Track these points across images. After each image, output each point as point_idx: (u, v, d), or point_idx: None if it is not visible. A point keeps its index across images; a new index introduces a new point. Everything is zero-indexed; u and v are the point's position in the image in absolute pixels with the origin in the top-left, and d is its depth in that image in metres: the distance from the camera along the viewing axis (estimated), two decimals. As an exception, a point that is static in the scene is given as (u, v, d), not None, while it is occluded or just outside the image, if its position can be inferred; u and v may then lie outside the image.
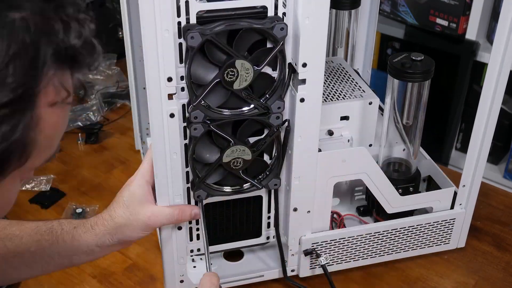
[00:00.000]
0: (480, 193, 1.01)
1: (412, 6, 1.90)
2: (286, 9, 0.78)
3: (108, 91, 1.50)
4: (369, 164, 0.95)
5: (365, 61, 1.22)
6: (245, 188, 0.89)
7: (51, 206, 1.17)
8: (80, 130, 1.38)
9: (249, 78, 0.78)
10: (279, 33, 0.76)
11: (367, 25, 1.18)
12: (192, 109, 0.79)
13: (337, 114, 1.00)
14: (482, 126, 0.93)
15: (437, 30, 1.86)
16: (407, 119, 1.00)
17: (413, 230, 1.01)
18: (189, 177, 0.87)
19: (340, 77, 1.07)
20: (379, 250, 1.02)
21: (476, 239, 1.10)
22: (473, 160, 0.97)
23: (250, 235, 0.97)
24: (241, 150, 0.84)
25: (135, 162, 1.29)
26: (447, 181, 1.03)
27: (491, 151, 0.98)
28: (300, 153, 0.87)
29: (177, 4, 0.74)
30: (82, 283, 1.01)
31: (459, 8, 1.79)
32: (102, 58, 0.65)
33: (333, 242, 0.98)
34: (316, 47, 0.79)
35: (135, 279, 1.02)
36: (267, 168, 0.88)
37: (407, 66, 0.93)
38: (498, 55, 0.87)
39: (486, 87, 0.90)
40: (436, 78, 0.98)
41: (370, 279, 1.03)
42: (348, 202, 1.11)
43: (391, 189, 0.98)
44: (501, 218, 1.16)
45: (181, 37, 0.76)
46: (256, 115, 0.82)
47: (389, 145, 1.03)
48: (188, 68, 0.76)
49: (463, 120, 1.99)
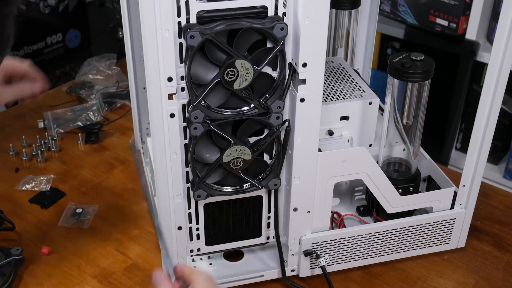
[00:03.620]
0: (480, 193, 1.01)
1: (412, 6, 1.90)
2: (286, 9, 0.78)
3: (108, 91, 1.50)
4: (369, 164, 0.95)
5: (365, 61, 1.22)
6: (245, 188, 0.89)
7: (51, 206, 1.17)
8: (80, 130, 1.38)
9: (249, 78, 0.78)
10: (279, 33, 0.76)
11: (367, 25, 1.18)
12: (192, 109, 0.79)
13: (337, 114, 1.00)
14: (482, 126, 0.93)
15: (437, 30, 1.86)
16: (407, 119, 1.00)
17: (413, 230, 1.01)
18: (189, 177, 0.87)
19: (340, 77, 1.07)
20: (379, 250, 1.02)
21: (476, 239, 1.10)
22: (473, 160, 0.97)
23: (250, 235, 0.97)
24: (241, 150, 0.84)
25: (135, 162, 1.30)
26: (447, 181, 1.03)
27: (491, 151, 0.99)
28: (300, 153, 0.87)
29: (177, 4, 0.74)
30: (82, 283, 1.01)
31: (459, 8, 1.79)
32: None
33: (333, 242, 0.98)
34: (316, 47, 0.79)
35: (135, 279, 1.02)
36: (267, 168, 0.88)
37: (407, 66, 0.93)
38: (498, 55, 0.87)
39: (486, 87, 0.90)
40: (436, 78, 0.99)
41: (370, 279, 1.03)
42: (348, 202, 1.11)
43: (391, 189, 0.98)
44: (501, 218, 1.16)
45: (181, 37, 0.76)
46: (256, 115, 0.82)
47: (389, 145, 1.03)
48: (188, 68, 0.77)
49: (463, 120, 1.99)
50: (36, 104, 1.51)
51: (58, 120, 1.40)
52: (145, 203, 1.17)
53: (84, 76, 1.59)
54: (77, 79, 1.59)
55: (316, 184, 0.92)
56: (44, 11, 2.52)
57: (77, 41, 2.69)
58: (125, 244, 1.09)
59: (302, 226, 0.95)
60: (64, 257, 1.06)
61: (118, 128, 1.41)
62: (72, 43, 2.67)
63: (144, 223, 1.13)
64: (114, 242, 1.09)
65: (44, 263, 1.04)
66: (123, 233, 1.11)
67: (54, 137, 1.36)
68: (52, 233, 1.11)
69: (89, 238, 1.10)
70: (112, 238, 1.10)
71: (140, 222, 1.13)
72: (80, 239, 1.10)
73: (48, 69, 2.61)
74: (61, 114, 1.43)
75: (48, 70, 2.62)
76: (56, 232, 1.11)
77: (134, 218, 1.14)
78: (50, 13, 2.54)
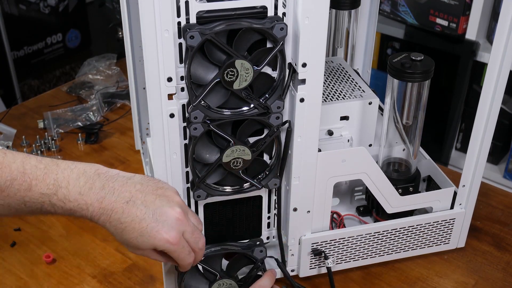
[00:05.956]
0: (480, 193, 1.01)
1: (412, 6, 1.90)
2: (286, 9, 0.78)
3: (108, 91, 1.51)
4: (369, 164, 0.95)
5: (365, 61, 1.22)
6: (245, 188, 0.89)
7: (51, 206, 1.17)
8: (80, 130, 1.38)
9: (249, 78, 0.78)
10: (279, 33, 0.77)
11: (367, 25, 1.18)
12: (192, 109, 0.79)
13: (337, 114, 1.00)
14: (482, 126, 0.93)
15: (437, 30, 1.86)
16: (407, 119, 1.00)
17: (413, 230, 1.01)
18: (189, 177, 0.87)
19: (340, 77, 1.08)
20: (379, 250, 1.02)
21: (476, 239, 1.10)
22: (473, 160, 0.97)
23: (250, 235, 0.97)
24: (241, 150, 0.84)
25: (135, 162, 1.30)
26: (447, 181, 1.03)
27: (491, 151, 0.99)
28: (300, 153, 0.87)
29: (177, 4, 0.74)
30: (82, 283, 1.01)
31: (459, 8, 1.79)
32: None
33: (333, 242, 0.98)
34: (316, 47, 0.79)
35: (135, 279, 1.02)
36: (267, 168, 0.88)
37: (407, 66, 0.93)
38: (498, 55, 0.87)
39: (486, 87, 0.90)
40: (436, 78, 0.99)
41: (370, 279, 1.03)
42: (348, 202, 1.11)
43: (391, 189, 0.98)
44: (501, 218, 1.16)
45: (181, 37, 0.76)
46: (256, 115, 0.82)
47: (389, 145, 1.03)
48: (188, 68, 0.77)
49: (463, 120, 1.99)
50: (36, 104, 1.51)
51: (58, 120, 1.41)
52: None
53: (84, 76, 1.59)
54: (77, 79, 1.59)
55: (315, 184, 0.92)
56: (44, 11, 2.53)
57: (77, 41, 2.69)
58: (125, 244, 1.09)
59: (302, 226, 0.95)
60: (63, 257, 1.06)
61: (118, 128, 1.41)
62: (72, 43, 2.68)
63: (144, 223, 1.13)
64: (114, 242, 1.09)
65: (44, 263, 1.04)
66: (123, 233, 1.11)
67: (54, 137, 1.36)
68: (52, 233, 1.11)
69: (89, 238, 1.10)
70: (112, 238, 1.09)
71: (140, 222, 1.13)
72: (80, 239, 1.10)
73: (48, 69, 2.62)
74: (61, 114, 1.43)
75: (48, 70, 2.62)
76: (56, 232, 1.11)
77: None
78: (50, 13, 2.54)
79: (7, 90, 2.42)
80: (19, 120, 1.44)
